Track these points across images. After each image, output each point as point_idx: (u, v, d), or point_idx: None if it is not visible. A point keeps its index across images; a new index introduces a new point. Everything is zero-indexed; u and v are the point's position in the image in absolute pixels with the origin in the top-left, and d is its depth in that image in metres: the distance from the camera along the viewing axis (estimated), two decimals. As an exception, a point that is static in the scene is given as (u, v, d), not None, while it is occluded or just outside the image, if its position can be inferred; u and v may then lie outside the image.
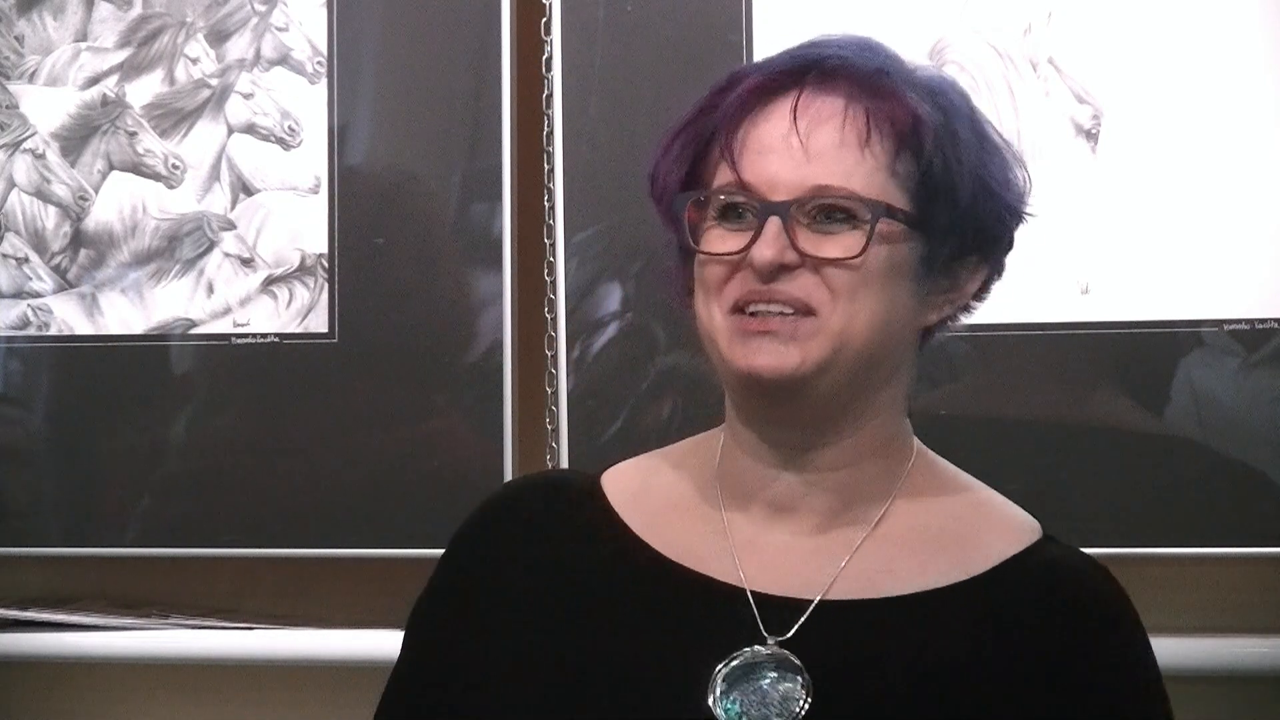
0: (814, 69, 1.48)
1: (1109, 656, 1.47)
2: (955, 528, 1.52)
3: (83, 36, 2.46)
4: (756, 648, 1.45)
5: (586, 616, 1.50)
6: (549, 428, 2.33)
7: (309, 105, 2.41)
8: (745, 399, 1.52)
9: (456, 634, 1.55)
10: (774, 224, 1.44)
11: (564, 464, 2.32)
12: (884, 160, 1.46)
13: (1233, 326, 2.19)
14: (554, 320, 2.33)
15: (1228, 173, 2.20)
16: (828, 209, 1.45)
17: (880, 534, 1.50)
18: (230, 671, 2.48)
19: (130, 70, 2.45)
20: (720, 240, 1.48)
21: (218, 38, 2.43)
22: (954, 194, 1.47)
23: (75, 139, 2.46)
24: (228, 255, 2.42)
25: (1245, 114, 2.21)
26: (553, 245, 2.34)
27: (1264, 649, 2.16)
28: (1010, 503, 1.56)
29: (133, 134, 2.44)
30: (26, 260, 2.46)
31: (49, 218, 2.46)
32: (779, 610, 1.47)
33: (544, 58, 2.35)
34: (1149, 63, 2.23)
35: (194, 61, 2.44)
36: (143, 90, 2.45)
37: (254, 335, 2.41)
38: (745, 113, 1.48)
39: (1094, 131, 2.24)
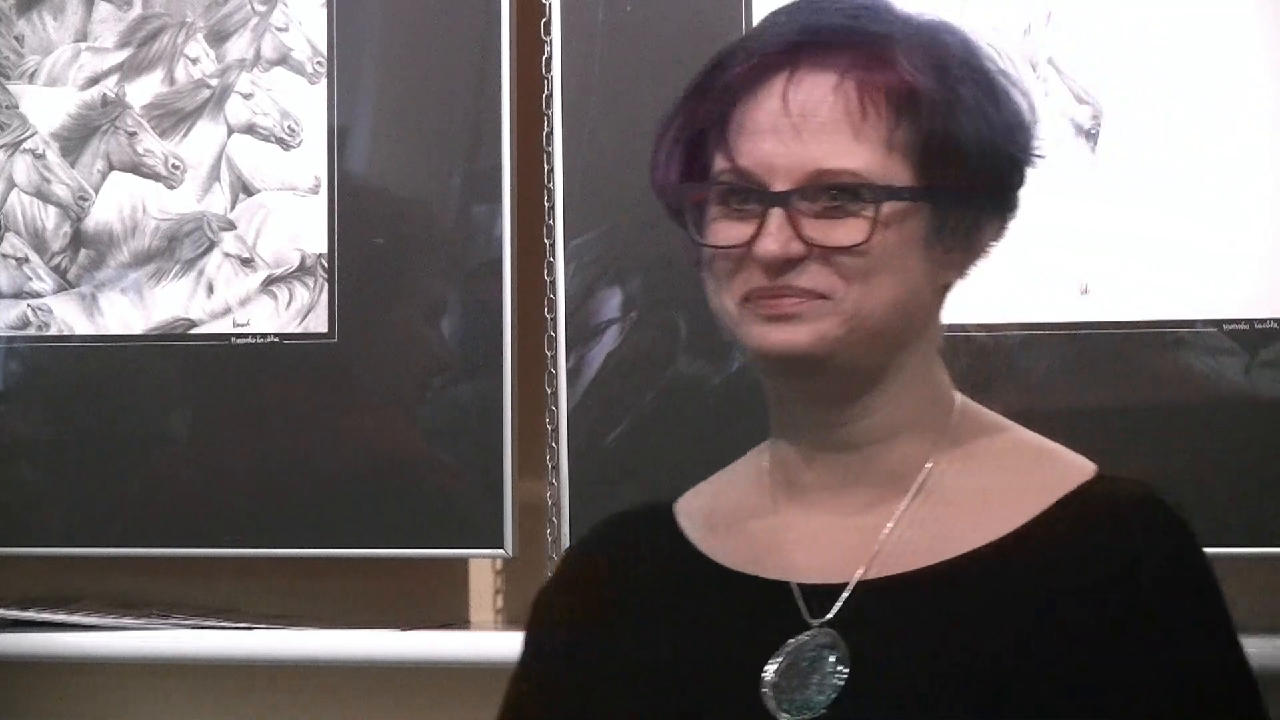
0: (806, 43, 1.44)
1: (1164, 595, 1.42)
2: (1003, 478, 1.49)
3: (83, 36, 2.46)
4: (800, 636, 1.44)
5: (654, 643, 1.49)
6: (549, 428, 2.33)
7: (309, 105, 2.41)
8: (768, 378, 1.51)
9: (557, 697, 1.54)
10: (776, 215, 1.42)
11: (564, 467, 2.31)
12: (882, 134, 1.42)
13: (1232, 327, 2.19)
14: (554, 321, 2.33)
15: (1227, 172, 2.20)
16: (831, 191, 1.42)
17: (926, 497, 1.48)
18: (230, 671, 2.48)
19: (130, 70, 2.45)
20: (725, 230, 1.45)
21: (218, 38, 2.43)
22: (959, 159, 1.44)
23: (75, 139, 2.46)
24: (228, 255, 2.42)
25: (1245, 114, 2.21)
26: (552, 246, 2.34)
27: (1264, 649, 2.15)
28: (1061, 446, 1.53)
29: (133, 134, 2.44)
30: (26, 260, 2.46)
31: (49, 218, 2.46)
32: (824, 596, 1.45)
33: (544, 58, 2.35)
34: (1148, 63, 2.23)
35: (194, 61, 2.44)
36: (143, 90, 2.45)
37: (254, 335, 2.41)
38: (737, 95, 1.45)
39: (1093, 131, 2.24)
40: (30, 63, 2.47)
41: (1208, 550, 2.19)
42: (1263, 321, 2.20)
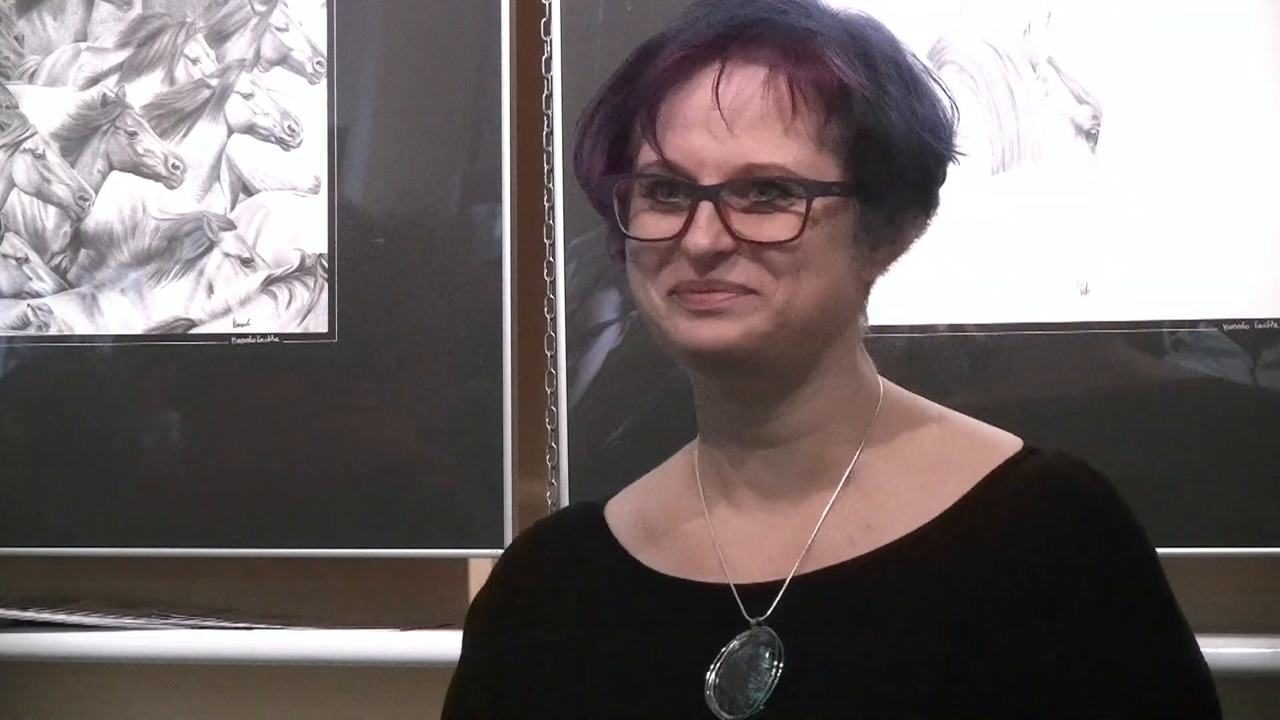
0: (735, 37, 1.44)
1: (1096, 562, 1.42)
2: (930, 462, 1.49)
3: (83, 36, 2.46)
4: (735, 638, 1.44)
5: (591, 651, 1.49)
6: (549, 428, 2.33)
7: (309, 105, 2.41)
8: (696, 376, 1.50)
9: (493, 708, 1.54)
10: (706, 209, 1.41)
11: (564, 467, 2.31)
12: (813, 129, 1.42)
13: (1233, 327, 2.20)
14: (554, 321, 2.33)
15: (1227, 172, 2.21)
16: (760, 186, 1.42)
17: (855, 489, 1.48)
18: (230, 671, 2.48)
19: (130, 70, 2.45)
20: (652, 223, 1.45)
21: (218, 38, 2.43)
22: (888, 156, 1.44)
23: (75, 139, 2.46)
24: (228, 255, 2.42)
25: (1245, 114, 2.21)
26: (552, 246, 2.34)
27: (1264, 649, 2.15)
28: (986, 425, 1.52)
29: (133, 134, 2.44)
30: (26, 260, 2.46)
31: (49, 218, 2.46)
32: (761, 595, 1.45)
33: (544, 58, 2.35)
34: (1148, 63, 2.23)
35: (194, 61, 2.44)
36: (143, 90, 2.45)
37: (254, 335, 2.41)
38: (665, 87, 1.44)
39: (1093, 131, 2.24)
40: (30, 63, 2.47)
41: (1208, 551, 2.20)
42: (1263, 322, 2.20)
